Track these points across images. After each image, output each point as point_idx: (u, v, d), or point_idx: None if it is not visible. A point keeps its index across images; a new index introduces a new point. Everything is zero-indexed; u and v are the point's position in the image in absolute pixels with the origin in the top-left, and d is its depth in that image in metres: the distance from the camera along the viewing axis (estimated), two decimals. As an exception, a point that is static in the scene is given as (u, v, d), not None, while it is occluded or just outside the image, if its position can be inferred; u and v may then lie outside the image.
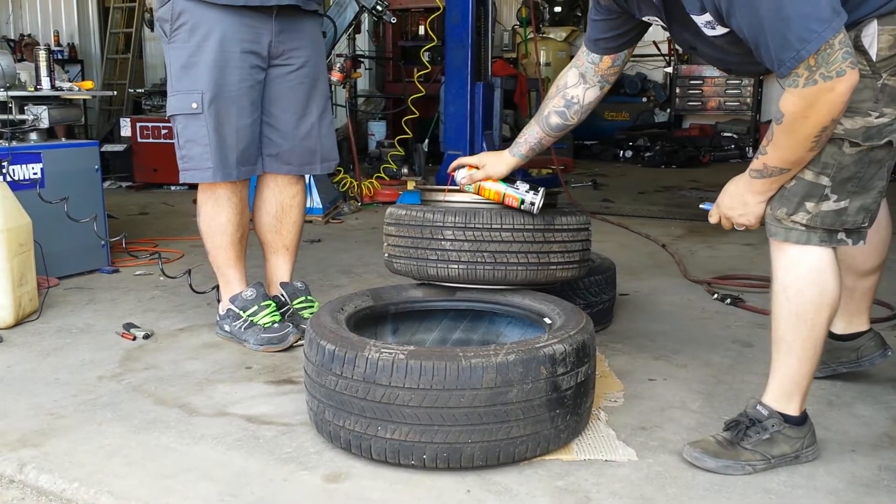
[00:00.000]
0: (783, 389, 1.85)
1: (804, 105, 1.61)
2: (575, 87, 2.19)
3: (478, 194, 2.23)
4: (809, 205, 1.76)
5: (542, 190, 2.18)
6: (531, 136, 2.27)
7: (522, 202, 2.16)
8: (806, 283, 1.79)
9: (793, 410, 1.84)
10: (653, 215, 5.50)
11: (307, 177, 4.96)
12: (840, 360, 2.28)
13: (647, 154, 9.07)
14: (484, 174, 2.23)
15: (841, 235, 1.79)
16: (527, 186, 2.19)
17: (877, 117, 1.71)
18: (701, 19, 1.76)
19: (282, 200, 2.77)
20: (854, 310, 2.26)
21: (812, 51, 1.54)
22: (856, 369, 2.28)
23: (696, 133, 9.94)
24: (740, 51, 1.77)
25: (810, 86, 1.57)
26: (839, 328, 2.27)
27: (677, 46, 2.05)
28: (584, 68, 2.17)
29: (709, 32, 1.79)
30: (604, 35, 2.11)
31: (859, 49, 1.69)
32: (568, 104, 2.20)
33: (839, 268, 1.82)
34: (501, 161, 2.27)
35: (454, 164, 2.30)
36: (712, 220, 1.94)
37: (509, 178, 2.26)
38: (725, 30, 1.73)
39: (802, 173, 1.76)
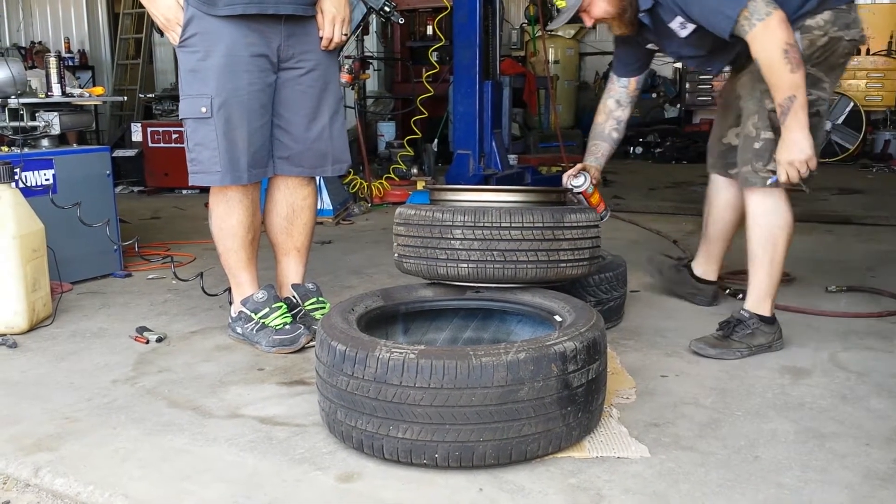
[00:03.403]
0: (758, 297, 2.56)
1: (759, 42, 2.28)
2: (617, 111, 2.88)
3: (591, 196, 2.75)
4: (776, 156, 2.40)
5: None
6: (603, 149, 2.89)
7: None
8: (774, 215, 2.52)
9: (766, 311, 2.54)
10: (663, 211, 5.48)
11: (317, 178, 4.99)
12: (683, 289, 3.09)
13: (658, 150, 9.04)
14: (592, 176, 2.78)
15: (789, 183, 2.43)
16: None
17: (807, 95, 2.33)
18: (675, 24, 2.44)
19: (293, 202, 2.78)
20: (713, 261, 3.01)
21: (740, 9, 2.25)
22: (688, 300, 3.09)
23: (706, 128, 9.85)
24: (710, 43, 2.47)
25: (753, 28, 2.26)
26: (699, 271, 3.07)
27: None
28: (619, 94, 2.86)
29: (683, 33, 2.46)
30: (629, 61, 2.82)
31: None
32: (618, 123, 2.89)
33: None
34: (595, 168, 2.84)
35: (573, 171, 2.76)
36: (782, 179, 2.41)
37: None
38: (693, 26, 2.41)
39: (767, 133, 2.45)
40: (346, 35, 2.73)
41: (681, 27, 2.45)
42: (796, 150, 2.33)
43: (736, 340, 2.49)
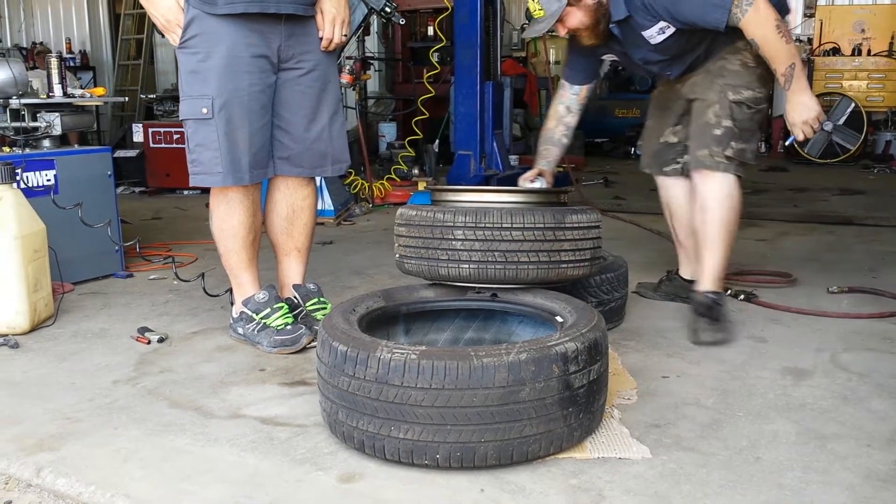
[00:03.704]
0: (714, 277, 2.72)
1: (753, 25, 2.50)
2: (567, 117, 3.01)
3: None
4: (733, 143, 2.68)
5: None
6: (554, 154, 3.00)
7: None
8: (727, 200, 2.71)
9: (720, 288, 2.74)
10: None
11: (318, 179, 4.99)
12: (683, 294, 3.06)
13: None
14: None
15: (740, 169, 2.72)
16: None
17: (757, 92, 2.70)
18: (652, 30, 2.63)
19: (293, 203, 2.78)
20: (696, 260, 2.95)
21: (731, 1, 2.48)
22: (684, 302, 3.02)
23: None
24: (676, 48, 2.70)
25: (746, 14, 2.48)
26: (688, 274, 3.11)
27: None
28: (570, 101, 2.99)
29: (658, 39, 2.65)
30: (582, 70, 2.96)
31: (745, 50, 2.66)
32: (567, 129, 3.01)
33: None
34: (549, 172, 2.98)
35: (530, 176, 2.91)
36: (800, 138, 2.67)
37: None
38: (673, 30, 2.61)
39: (727, 122, 2.68)
40: (345, 36, 2.73)
41: (658, 33, 2.63)
42: (806, 109, 2.59)
43: (726, 319, 2.70)
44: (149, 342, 2.72)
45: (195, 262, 4.02)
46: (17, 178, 3.08)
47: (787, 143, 2.80)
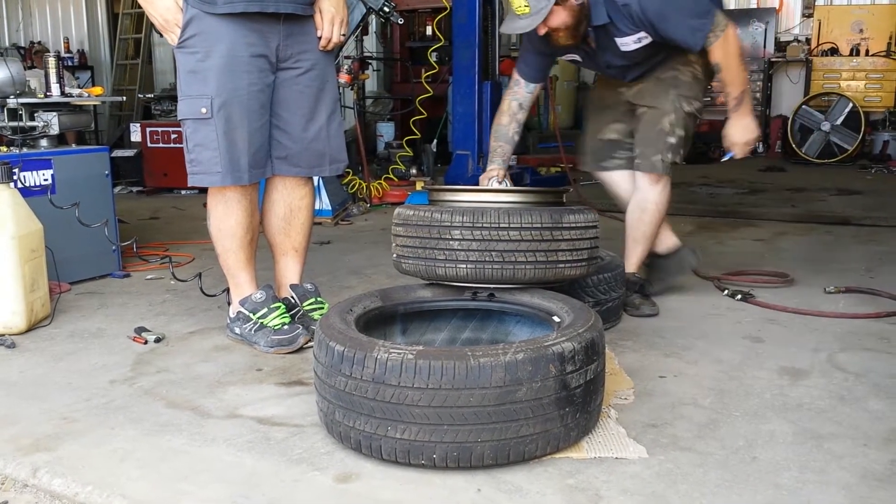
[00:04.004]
0: (637, 261, 3.09)
1: (722, 50, 2.72)
2: (519, 113, 3.06)
3: None
4: (681, 151, 2.95)
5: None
6: (507, 151, 3.04)
7: None
8: (664, 205, 3.02)
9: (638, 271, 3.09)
10: (662, 212, 5.47)
11: (316, 179, 4.98)
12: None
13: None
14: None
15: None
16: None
17: (701, 103, 2.97)
18: (629, 38, 2.76)
19: (290, 202, 2.78)
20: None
21: (710, 26, 2.68)
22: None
23: (705, 129, 9.83)
24: (641, 55, 2.83)
25: (718, 39, 2.69)
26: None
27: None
28: (523, 98, 3.04)
29: (633, 47, 2.79)
30: (540, 68, 3.02)
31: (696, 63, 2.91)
32: (519, 126, 3.07)
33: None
34: (503, 170, 3.01)
35: (491, 177, 2.95)
36: (739, 156, 2.91)
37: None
38: (648, 41, 2.76)
39: (680, 132, 2.93)
40: (344, 35, 2.73)
41: (635, 42, 2.77)
42: (748, 132, 2.85)
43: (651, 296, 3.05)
44: (146, 342, 2.72)
45: (192, 261, 4.01)
46: (15, 177, 3.08)
47: (724, 160, 3.04)
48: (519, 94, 3.03)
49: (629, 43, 2.78)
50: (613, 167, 3.17)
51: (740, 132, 2.85)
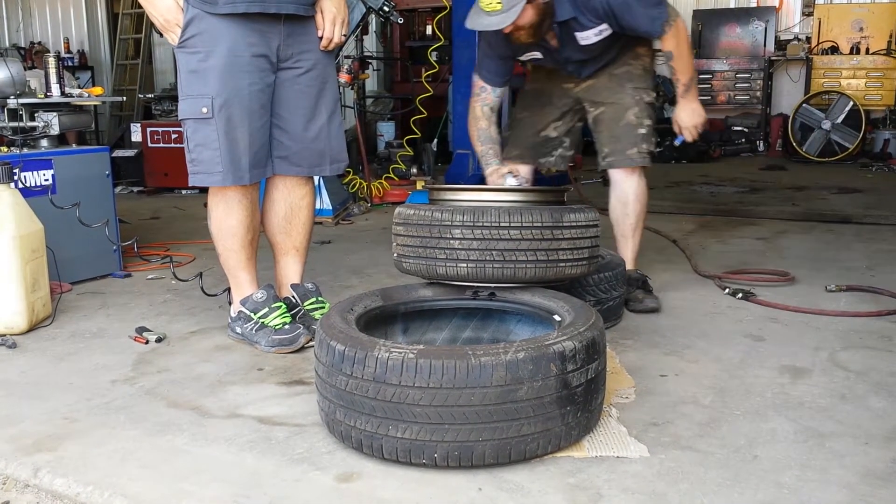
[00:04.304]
0: (635, 257, 3.14)
1: (674, 39, 2.85)
2: (493, 116, 3.09)
3: None
4: (651, 139, 3.02)
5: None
6: (498, 151, 3.07)
7: None
8: (644, 195, 3.08)
9: (636, 267, 3.14)
10: (663, 211, 5.48)
11: (317, 178, 4.98)
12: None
13: (657, 149, 9.03)
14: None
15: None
16: None
17: (653, 93, 3.08)
18: (590, 32, 2.83)
19: (291, 202, 2.78)
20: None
21: (666, 15, 2.80)
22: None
23: (706, 127, 9.89)
24: (598, 49, 2.92)
25: (670, 29, 2.81)
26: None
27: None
28: (493, 102, 3.07)
29: (592, 40, 2.86)
30: (502, 72, 3.04)
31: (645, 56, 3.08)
32: (497, 128, 3.11)
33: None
34: (513, 165, 3.06)
35: (506, 172, 2.92)
36: (689, 139, 3.06)
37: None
38: (608, 33, 2.84)
39: (647, 121, 3.02)
40: (345, 36, 2.73)
41: (595, 35, 2.85)
42: (697, 115, 3.01)
43: (633, 291, 3.04)
44: (147, 342, 2.72)
45: (193, 261, 4.02)
46: (15, 177, 3.08)
47: (676, 144, 3.16)
48: (488, 100, 3.06)
49: (590, 36, 2.85)
50: (545, 164, 3.27)
51: (689, 115, 3.00)
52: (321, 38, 2.65)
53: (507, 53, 2.98)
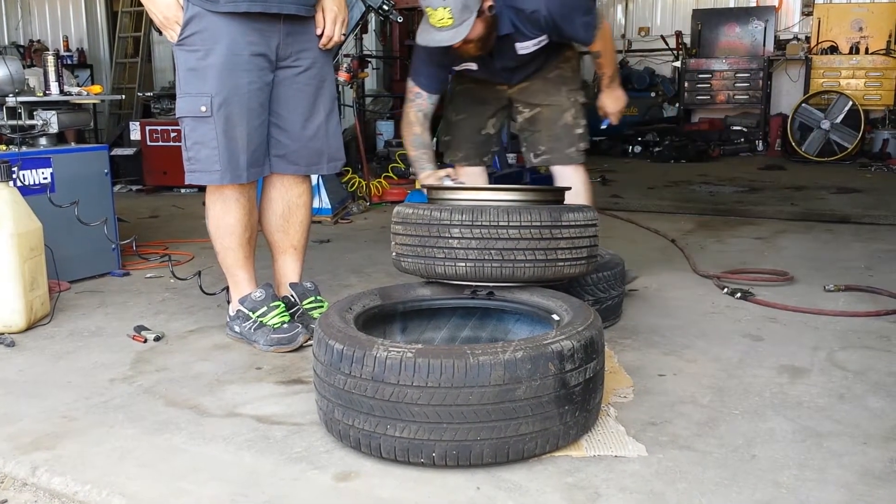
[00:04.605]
0: None
1: (602, 41, 2.99)
2: (426, 122, 3.12)
3: None
4: (587, 138, 3.18)
5: None
6: (431, 157, 3.05)
7: None
8: (589, 184, 3.20)
9: None
10: (662, 210, 5.48)
11: (315, 177, 4.98)
12: None
13: (657, 149, 9.04)
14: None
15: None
16: None
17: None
18: (532, 42, 2.92)
19: (288, 200, 2.78)
20: None
21: (596, 23, 2.93)
22: None
23: (705, 127, 9.89)
24: (529, 57, 3.00)
25: (598, 33, 2.93)
26: None
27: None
28: (427, 109, 3.09)
29: (530, 50, 2.95)
30: (441, 79, 3.10)
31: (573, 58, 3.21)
32: (430, 134, 3.13)
33: None
34: (448, 169, 3.11)
35: (441, 176, 2.91)
36: (615, 122, 3.27)
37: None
38: (545, 43, 2.94)
39: (582, 121, 3.17)
40: (344, 35, 2.73)
41: (534, 45, 2.94)
42: (621, 101, 3.22)
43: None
44: (145, 341, 2.72)
45: (192, 260, 4.01)
46: (14, 176, 3.08)
47: (602, 127, 3.32)
48: (423, 105, 3.09)
49: (529, 46, 2.94)
50: (487, 161, 3.36)
51: (614, 101, 3.19)
52: (320, 36, 2.65)
53: (444, 62, 3.02)
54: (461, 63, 3.04)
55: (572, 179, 3.17)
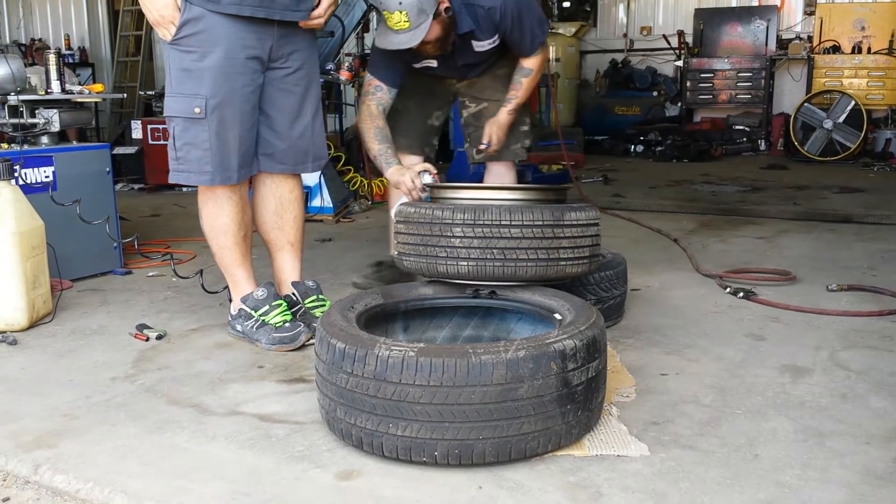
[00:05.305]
0: None
1: (537, 61, 3.10)
2: (384, 115, 3.08)
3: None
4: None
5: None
6: (395, 151, 3.00)
7: None
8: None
9: None
10: (664, 210, 5.48)
11: (317, 177, 4.98)
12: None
13: (659, 148, 9.03)
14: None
15: None
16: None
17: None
18: (487, 42, 2.97)
19: (280, 195, 2.78)
20: None
21: (543, 40, 3.04)
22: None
23: (707, 127, 9.88)
24: (485, 56, 3.07)
25: (540, 52, 3.07)
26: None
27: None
28: (386, 102, 3.08)
29: (487, 48, 3.00)
30: (399, 73, 3.06)
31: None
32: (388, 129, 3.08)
33: None
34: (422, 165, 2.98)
35: (418, 171, 2.84)
36: (493, 149, 3.17)
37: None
38: (497, 43, 2.99)
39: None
40: (322, 19, 2.68)
41: (490, 43, 2.99)
42: (505, 129, 3.18)
43: None
44: (147, 339, 2.72)
45: (194, 259, 4.02)
46: (16, 174, 3.08)
47: (482, 147, 3.20)
48: (384, 99, 3.07)
49: (485, 45, 2.99)
50: (429, 152, 3.37)
51: (498, 132, 3.14)
52: (313, 18, 2.61)
53: (405, 58, 3.01)
54: (421, 61, 3.04)
55: (508, 178, 3.32)
